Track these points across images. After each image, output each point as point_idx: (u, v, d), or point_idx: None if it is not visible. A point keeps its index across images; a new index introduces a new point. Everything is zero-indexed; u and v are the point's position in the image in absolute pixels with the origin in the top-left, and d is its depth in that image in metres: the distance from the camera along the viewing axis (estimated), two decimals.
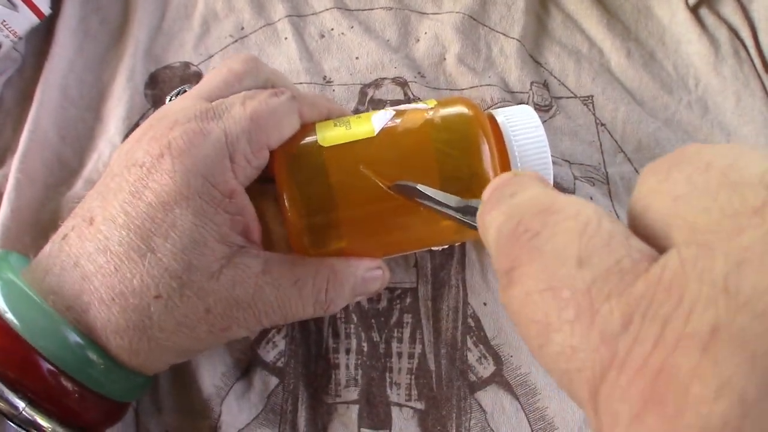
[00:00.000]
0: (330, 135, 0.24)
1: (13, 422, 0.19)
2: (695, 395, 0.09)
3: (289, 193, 0.23)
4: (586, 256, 0.11)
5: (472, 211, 0.19)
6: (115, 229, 0.20)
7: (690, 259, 0.10)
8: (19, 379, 0.19)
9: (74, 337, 0.20)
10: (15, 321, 0.19)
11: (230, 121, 0.22)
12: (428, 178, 0.22)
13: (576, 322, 0.11)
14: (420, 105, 0.25)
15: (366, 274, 0.25)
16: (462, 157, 0.23)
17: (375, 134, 0.24)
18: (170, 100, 0.29)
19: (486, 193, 0.15)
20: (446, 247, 0.29)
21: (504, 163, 0.24)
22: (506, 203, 0.14)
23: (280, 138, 0.23)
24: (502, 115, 0.25)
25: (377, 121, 0.24)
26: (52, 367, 0.19)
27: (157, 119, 0.23)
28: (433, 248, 0.28)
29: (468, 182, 0.23)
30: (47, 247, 0.22)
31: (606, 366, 0.10)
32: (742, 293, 0.09)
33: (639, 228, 0.12)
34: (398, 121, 0.24)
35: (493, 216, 0.14)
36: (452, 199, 0.20)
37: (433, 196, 0.20)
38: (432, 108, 0.25)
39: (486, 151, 0.23)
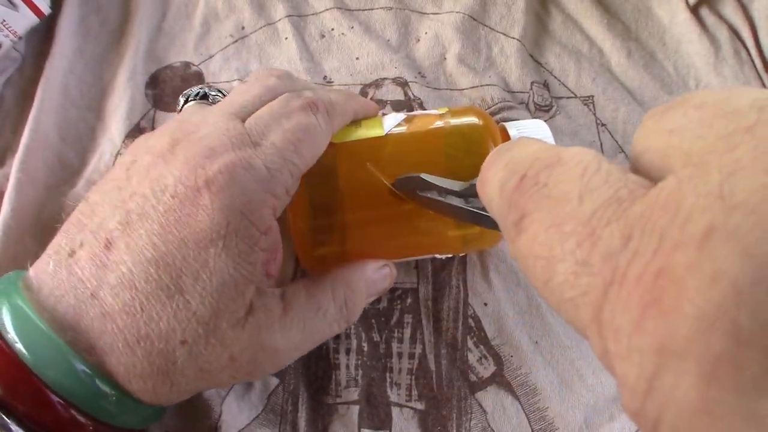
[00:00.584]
0: (340, 132, 0.24)
1: None
2: (691, 288, 0.09)
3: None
4: (586, 193, 0.12)
5: (476, 192, 0.19)
6: (141, 264, 0.18)
7: (686, 178, 0.10)
8: (29, 413, 0.18)
9: (83, 368, 0.18)
10: (25, 352, 0.18)
11: (271, 150, 0.20)
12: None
13: (578, 250, 0.12)
14: (432, 111, 0.26)
15: (374, 275, 0.25)
16: (470, 164, 0.23)
17: (385, 134, 0.24)
18: (186, 101, 0.28)
19: (486, 160, 0.16)
20: (450, 256, 0.29)
21: None
22: (504, 157, 0.15)
23: (314, 162, 0.22)
24: (514, 129, 0.25)
25: (388, 122, 0.24)
26: (63, 401, 0.18)
27: (184, 132, 0.21)
28: (436, 256, 0.28)
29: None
30: (50, 262, 0.19)
31: (608, 283, 0.11)
32: (736, 196, 0.09)
33: (639, 168, 0.13)
34: (409, 124, 0.24)
35: (494, 171, 0.15)
36: (456, 184, 0.20)
37: (436, 183, 0.20)
38: (443, 114, 0.25)
39: None
